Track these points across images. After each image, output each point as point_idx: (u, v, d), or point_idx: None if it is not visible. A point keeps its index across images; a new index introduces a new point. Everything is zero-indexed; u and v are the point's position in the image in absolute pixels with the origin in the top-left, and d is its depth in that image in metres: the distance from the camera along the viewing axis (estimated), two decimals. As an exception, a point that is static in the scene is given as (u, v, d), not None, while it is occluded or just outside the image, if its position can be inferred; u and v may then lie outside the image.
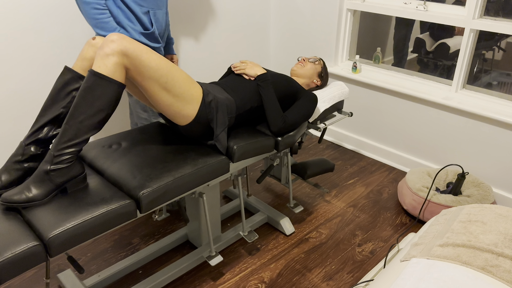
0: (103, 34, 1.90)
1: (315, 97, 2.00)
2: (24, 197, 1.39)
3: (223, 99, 1.78)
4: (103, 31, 1.91)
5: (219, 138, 1.75)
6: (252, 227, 2.32)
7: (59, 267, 2.08)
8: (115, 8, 1.94)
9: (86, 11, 1.87)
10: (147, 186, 1.52)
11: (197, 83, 1.73)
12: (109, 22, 1.90)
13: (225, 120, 1.76)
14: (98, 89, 1.42)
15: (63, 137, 1.42)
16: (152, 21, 2.02)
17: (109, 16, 1.91)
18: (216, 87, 1.88)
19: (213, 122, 1.74)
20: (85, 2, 1.85)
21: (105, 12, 1.89)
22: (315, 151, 3.20)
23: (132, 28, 1.98)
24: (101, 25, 1.89)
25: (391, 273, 1.20)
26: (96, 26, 1.90)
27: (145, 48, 1.52)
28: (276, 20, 3.35)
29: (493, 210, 1.36)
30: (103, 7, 1.88)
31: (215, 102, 1.74)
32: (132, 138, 1.86)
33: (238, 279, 2.02)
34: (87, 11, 1.87)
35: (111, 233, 2.31)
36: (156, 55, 1.56)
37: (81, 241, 1.38)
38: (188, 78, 1.67)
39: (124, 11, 1.95)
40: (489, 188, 2.36)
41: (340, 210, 2.52)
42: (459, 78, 2.60)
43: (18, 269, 1.26)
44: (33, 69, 2.26)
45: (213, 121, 1.74)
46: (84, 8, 1.87)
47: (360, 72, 3.02)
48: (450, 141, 2.68)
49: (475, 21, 2.41)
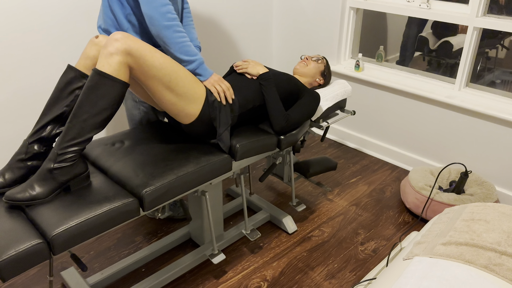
0: (186, 60, 1.73)
1: (317, 96, 1.99)
2: (28, 195, 1.40)
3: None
4: (187, 56, 1.73)
5: (222, 137, 1.75)
6: (255, 226, 2.32)
7: (62, 265, 2.09)
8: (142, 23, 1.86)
9: (167, 36, 1.69)
10: (150, 185, 1.53)
11: (201, 83, 1.73)
12: (191, 45, 1.74)
13: (228, 119, 1.77)
14: (102, 88, 1.43)
15: (66, 135, 1.42)
16: None
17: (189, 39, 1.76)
18: None
19: (216, 121, 1.74)
20: (166, 27, 1.68)
21: (185, 35, 1.73)
22: (318, 149, 3.20)
23: None
24: (184, 49, 1.72)
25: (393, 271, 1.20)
26: (179, 51, 1.72)
27: (149, 47, 1.52)
28: (278, 18, 3.35)
29: (496, 208, 1.35)
30: (183, 30, 1.73)
31: (218, 102, 1.74)
32: (134, 137, 1.87)
33: (240, 277, 2.02)
34: (168, 36, 1.69)
35: (114, 231, 2.32)
36: (160, 54, 1.56)
37: (85, 239, 1.38)
38: (192, 77, 1.67)
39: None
40: (492, 186, 2.35)
41: (343, 208, 2.52)
42: (462, 77, 2.59)
43: (22, 267, 1.27)
44: (36, 67, 2.26)
45: (216, 120, 1.74)
46: (165, 34, 1.69)
47: (362, 70, 3.01)
48: (453, 140, 2.67)
49: (478, 19, 2.40)
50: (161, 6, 1.66)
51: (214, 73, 1.79)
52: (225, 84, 1.78)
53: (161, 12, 1.66)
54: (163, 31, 1.69)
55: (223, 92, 1.76)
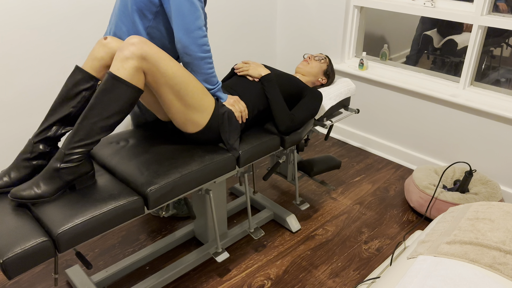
0: (210, 88, 1.75)
1: (320, 95, 1.99)
2: (33, 193, 1.41)
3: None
4: (210, 85, 1.75)
5: (234, 147, 1.77)
6: (258, 224, 2.32)
7: (67, 262, 2.10)
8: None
9: (199, 66, 1.70)
10: (154, 183, 1.53)
11: (211, 95, 1.73)
12: (215, 76, 1.77)
13: (238, 130, 1.79)
14: (115, 92, 1.42)
15: (75, 136, 1.43)
16: None
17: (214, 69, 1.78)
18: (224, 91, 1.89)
19: (225, 133, 1.75)
20: (200, 58, 1.68)
21: (213, 65, 1.75)
22: (321, 148, 3.19)
23: None
24: (211, 79, 1.74)
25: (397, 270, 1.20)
26: (205, 81, 1.74)
27: (164, 54, 1.52)
28: (282, 16, 3.34)
29: (501, 207, 1.35)
30: (212, 61, 1.75)
31: (228, 114, 1.75)
32: (139, 135, 1.88)
33: (244, 275, 2.03)
34: (200, 66, 1.70)
35: (118, 229, 2.33)
36: (174, 62, 1.56)
37: (90, 237, 1.39)
38: (202, 88, 1.68)
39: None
40: (496, 185, 2.35)
41: (347, 207, 2.52)
42: (467, 75, 2.58)
43: (27, 264, 1.28)
44: (42, 67, 2.27)
45: (225, 132, 1.75)
46: (198, 64, 1.69)
47: (367, 69, 3.01)
48: (457, 139, 2.67)
49: (483, 18, 2.39)
50: (200, 38, 1.65)
51: (229, 95, 1.82)
52: (242, 105, 1.82)
53: (198, 44, 1.65)
54: (196, 61, 1.68)
55: (240, 112, 1.80)
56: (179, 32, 1.63)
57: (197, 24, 1.63)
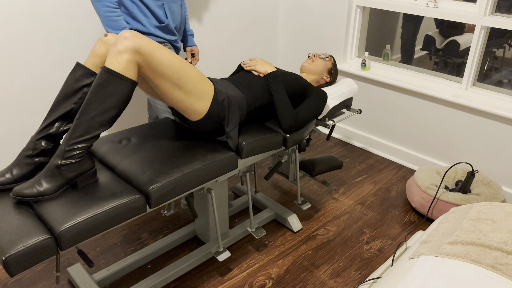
0: (113, 32, 1.91)
1: (325, 94, 2.00)
2: (35, 191, 1.41)
3: (234, 96, 1.78)
4: (112, 29, 1.93)
5: (231, 135, 1.76)
6: (260, 224, 2.32)
7: (68, 261, 2.10)
8: (130, 3, 1.97)
9: (97, 8, 1.90)
10: (156, 181, 1.53)
11: (209, 80, 1.74)
12: (118, 21, 1.92)
13: (237, 117, 1.78)
14: (110, 86, 1.43)
15: (74, 132, 1.43)
16: (167, 14, 2.05)
17: (119, 15, 1.93)
18: (227, 83, 1.89)
19: (225, 120, 1.75)
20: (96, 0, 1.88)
21: (115, 10, 1.91)
22: (323, 148, 3.19)
23: (148, 22, 2.02)
24: (110, 23, 1.92)
25: (399, 270, 1.20)
26: (106, 25, 1.93)
27: (157, 45, 1.53)
28: (284, 16, 3.34)
29: (503, 208, 1.35)
30: (114, 5, 1.90)
31: (228, 101, 1.74)
32: (141, 134, 1.88)
33: (245, 274, 2.03)
34: (98, 8, 1.90)
35: (120, 228, 2.33)
36: (168, 52, 1.56)
37: (92, 234, 1.39)
38: (200, 75, 1.68)
39: (138, 6, 1.99)
40: (498, 186, 2.34)
41: (348, 207, 2.52)
42: (469, 76, 2.58)
43: (29, 262, 1.28)
44: (44, 65, 2.28)
45: (225, 119, 1.75)
46: (96, 6, 1.90)
47: (369, 69, 3.01)
48: (459, 139, 2.66)
49: (486, 18, 2.38)
50: None
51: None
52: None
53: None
54: (94, 2, 1.89)
55: None
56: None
57: None
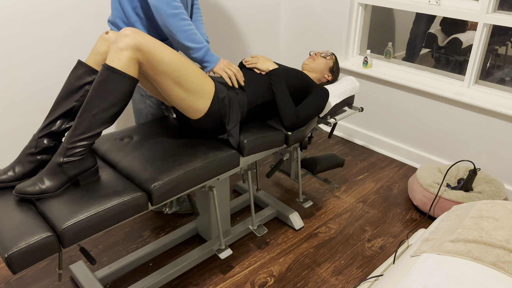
0: (194, 47, 1.75)
1: (326, 92, 1.99)
2: (38, 189, 1.41)
3: (235, 94, 1.78)
4: (195, 43, 1.75)
5: (232, 133, 1.76)
6: (262, 222, 2.32)
7: (71, 258, 2.11)
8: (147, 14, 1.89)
9: (173, 24, 1.70)
10: (158, 179, 1.53)
11: (210, 78, 1.74)
12: (198, 34, 1.75)
13: (238, 115, 1.77)
14: (111, 83, 1.44)
15: (76, 130, 1.44)
16: None
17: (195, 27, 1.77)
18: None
19: (226, 118, 1.75)
20: (171, 15, 1.68)
21: (191, 23, 1.74)
22: (325, 146, 3.19)
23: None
24: (192, 37, 1.73)
25: (401, 268, 1.20)
26: (187, 39, 1.73)
27: (158, 42, 1.53)
28: (286, 14, 3.34)
29: (505, 206, 1.35)
30: (188, 18, 1.73)
31: (228, 98, 1.74)
32: (143, 132, 1.88)
33: (247, 272, 2.03)
34: (175, 24, 1.70)
35: (122, 225, 2.34)
36: (169, 49, 1.56)
37: (94, 232, 1.40)
38: (201, 73, 1.68)
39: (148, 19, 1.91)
40: (500, 184, 2.34)
41: (350, 205, 2.52)
42: (471, 74, 2.57)
43: (32, 259, 1.28)
44: (46, 62, 2.28)
45: (226, 117, 1.75)
46: (171, 22, 1.70)
47: (371, 67, 3.00)
48: (461, 137, 2.66)
49: (488, 16, 2.38)
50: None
51: (221, 58, 1.82)
52: (235, 68, 1.81)
53: (166, 1, 1.69)
54: (169, 19, 1.70)
55: (234, 76, 1.80)
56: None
57: None
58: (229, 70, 1.79)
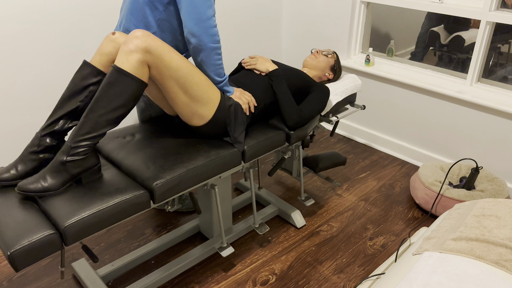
0: (218, 80, 1.74)
1: (327, 90, 1.99)
2: (40, 187, 1.42)
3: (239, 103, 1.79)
4: (219, 77, 1.74)
5: (238, 140, 1.77)
6: (263, 220, 2.33)
7: (73, 256, 2.11)
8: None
9: (210, 57, 1.67)
10: (160, 177, 1.54)
11: (215, 87, 1.73)
12: (223, 67, 1.74)
13: (244, 124, 1.79)
14: (119, 85, 1.43)
15: (81, 129, 1.44)
16: None
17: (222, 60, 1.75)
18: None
19: (231, 126, 1.75)
20: (211, 48, 1.65)
21: (221, 57, 1.72)
22: (327, 144, 3.19)
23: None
24: (219, 71, 1.72)
25: (403, 266, 1.20)
26: (214, 73, 1.72)
27: (168, 47, 1.53)
28: (288, 12, 3.33)
29: (508, 204, 1.34)
30: (221, 52, 1.71)
31: (235, 106, 1.75)
32: (145, 130, 1.88)
33: (249, 270, 2.03)
34: (211, 57, 1.67)
35: (124, 223, 2.34)
36: (178, 55, 1.56)
37: (96, 230, 1.40)
38: (207, 81, 1.68)
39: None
40: (503, 183, 2.33)
41: (352, 203, 2.52)
42: (474, 72, 2.56)
43: (34, 257, 1.29)
44: (49, 61, 2.28)
45: (231, 125, 1.75)
46: (209, 55, 1.66)
47: (373, 65, 3.00)
48: (464, 135, 2.65)
49: (491, 13, 2.37)
50: (211, 28, 1.62)
51: (235, 88, 1.82)
52: (248, 95, 1.83)
53: (210, 33, 1.63)
54: (207, 52, 1.65)
55: (248, 103, 1.81)
56: (190, 22, 1.60)
57: (209, 13, 1.60)
58: (244, 98, 1.80)
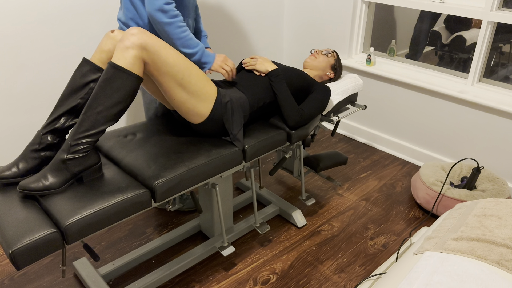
0: (190, 52, 1.81)
1: (328, 90, 1.99)
2: (41, 185, 1.42)
3: (237, 98, 1.79)
4: (190, 49, 1.81)
5: (237, 137, 1.77)
6: (264, 219, 2.33)
7: (74, 255, 2.12)
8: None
9: (170, 32, 1.77)
10: (161, 176, 1.54)
11: (213, 83, 1.75)
12: (192, 39, 1.81)
13: (241, 120, 1.78)
14: (117, 81, 1.44)
15: (80, 127, 1.44)
16: None
17: (190, 33, 1.82)
18: (229, 84, 1.89)
19: (229, 123, 1.75)
20: (167, 24, 1.75)
21: (187, 29, 1.80)
22: (328, 144, 3.19)
23: None
24: (187, 43, 1.79)
25: (403, 266, 1.20)
26: (182, 46, 1.80)
27: (164, 43, 1.54)
28: (289, 11, 3.33)
29: (509, 204, 1.34)
30: (184, 24, 1.79)
31: (231, 103, 1.75)
32: (146, 129, 1.88)
33: (250, 269, 2.04)
34: (171, 32, 1.77)
35: (125, 222, 2.34)
36: (174, 51, 1.57)
37: (97, 229, 1.40)
38: (204, 76, 1.69)
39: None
40: (504, 183, 2.33)
41: (353, 203, 2.52)
42: (475, 72, 2.56)
43: (36, 256, 1.29)
44: (50, 60, 2.28)
45: (229, 122, 1.75)
46: (168, 30, 1.76)
47: (374, 64, 2.99)
48: (465, 135, 2.65)
49: (493, 13, 2.36)
50: (163, 4, 1.72)
51: (216, 54, 1.87)
52: (231, 63, 1.88)
53: (163, 10, 1.73)
54: (166, 28, 1.76)
55: (228, 72, 1.87)
56: (146, 6, 1.74)
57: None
58: (226, 67, 1.86)
